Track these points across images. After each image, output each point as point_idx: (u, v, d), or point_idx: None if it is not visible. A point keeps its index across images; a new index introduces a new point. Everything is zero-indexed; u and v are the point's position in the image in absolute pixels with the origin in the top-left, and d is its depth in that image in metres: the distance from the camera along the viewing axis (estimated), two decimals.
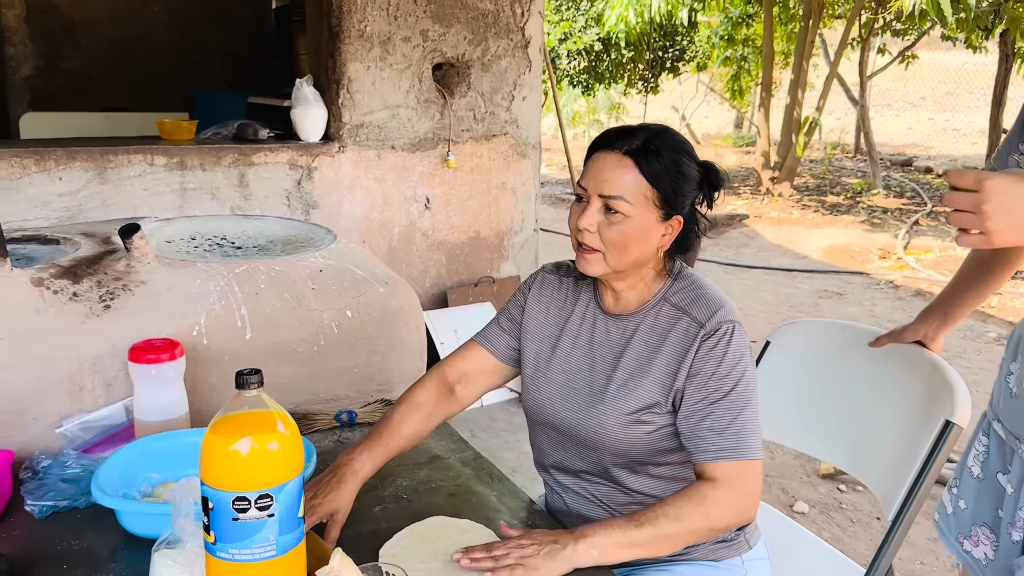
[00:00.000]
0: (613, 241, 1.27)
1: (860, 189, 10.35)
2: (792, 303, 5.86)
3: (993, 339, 5.00)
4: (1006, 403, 1.29)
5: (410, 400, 1.42)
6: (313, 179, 3.29)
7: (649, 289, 1.36)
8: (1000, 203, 0.92)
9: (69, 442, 1.46)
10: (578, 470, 1.41)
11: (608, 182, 1.26)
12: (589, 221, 1.28)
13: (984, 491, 1.35)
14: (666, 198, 1.27)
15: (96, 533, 1.24)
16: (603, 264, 1.30)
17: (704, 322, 1.28)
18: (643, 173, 1.25)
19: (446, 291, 3.82)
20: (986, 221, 0.94)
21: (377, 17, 3.32)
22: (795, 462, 3.38)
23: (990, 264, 1.51)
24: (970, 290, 1.56)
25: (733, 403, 1.25)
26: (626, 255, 1.28)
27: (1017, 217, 0.93)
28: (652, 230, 1.29)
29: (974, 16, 7.63)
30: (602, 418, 1.32)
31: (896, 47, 11.09)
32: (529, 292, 1.48)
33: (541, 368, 1.42)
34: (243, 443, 0.94)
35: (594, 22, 10.89)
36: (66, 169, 2.76)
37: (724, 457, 1.23)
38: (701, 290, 1.33)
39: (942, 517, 1.44)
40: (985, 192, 0.93)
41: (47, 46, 4.90)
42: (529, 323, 1.46)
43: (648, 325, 1.33)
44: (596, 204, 1.28)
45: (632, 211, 1.26)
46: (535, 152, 3.99)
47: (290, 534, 0.98)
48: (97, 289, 1.56)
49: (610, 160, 1.27)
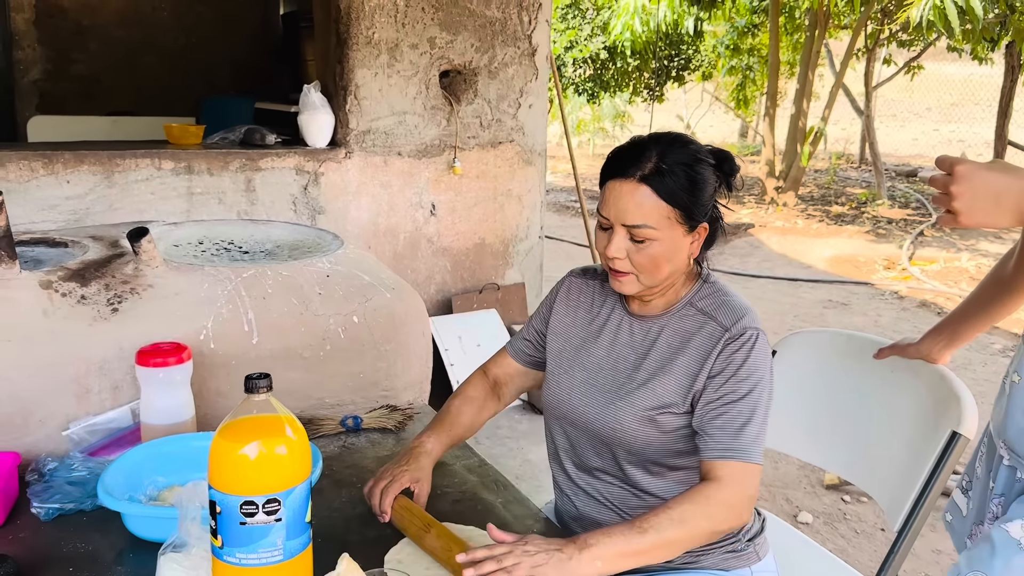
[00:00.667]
0: (644, 265, 1.29)
1: (865, 199, 10.35)
2: (797, 313, 5.85)
3: (999, 351, 4.98)
4: (996, 403, 1.32)
5: (463, 394, 1.55)
6: (320, 184, 3.30)
7: (676, 293, 1.38)
8: (964, 186, 1.04)
9: (75, 445, 1.46)
10: (592, 468, 1.41)
11: (628, 212, 1.26)
12: (617, 249, 1.29)
13: (981, 490, 1.37)
14: (687, 212, 1.27)
15: (102, 536, 1.24)
16: (637, 284, 1.32)
17: (729, 327, 1.30)
18: (660, 195, 1.25)
19: (451, 297, 3.82)
20: (953, 201, 1.05)
21: (385, 24, 3.33)
22: (799, 472, 3.38)
23: (1011, 284, 1.50)
24: (983, 311, 1.55)
25: (747, 406, 1.26)
26: (659, 273, 1.30)
27: (981, 200, 1.04)
28: (680, 244, 1.30)
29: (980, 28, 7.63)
30: (620, 414, 1.33)
31: (902, 58, 11.09)
32: (556, 298, 1.52)
33: (564, 365, 1.45)
34: (252, 447, 0.94)
35: (600, 31, 10.92)
36: (74, 172, 2.77)
37: (730, 457, 1.24)
38: (727, 296, 1.35)
39: (956, 518, 1.45)
40: (955, 175, 1.04)
41: (56, 50, 4.93)
42: (556, 326, 1.49)
43: (673, 327, 1.35)
44: (621, 232, 1.28)
45: (658, 234, 1.26)
46: (541, 160, 3.99)
47: (297, 539, 0.99)
48: (105, 292, 1.56)
49: (626, 189, 1.26)
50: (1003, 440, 1.26)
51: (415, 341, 1.87)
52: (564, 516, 1.50)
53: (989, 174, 1.04)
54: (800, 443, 1.84)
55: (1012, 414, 1.24)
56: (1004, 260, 1.53)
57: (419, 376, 1.90)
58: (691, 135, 1.37)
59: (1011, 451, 1.24)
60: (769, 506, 3.10)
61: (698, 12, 9.54)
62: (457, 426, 1.49)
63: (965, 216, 1.04)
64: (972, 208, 1.04)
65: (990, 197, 1.03)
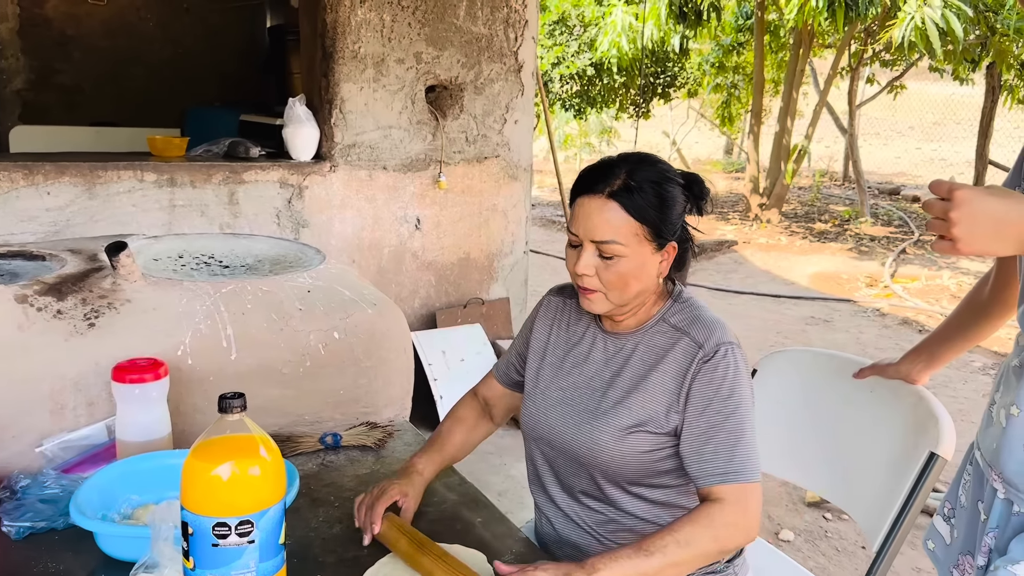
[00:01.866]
0: (612, 282, 1.29)
1: (848, 217, 10.43)
2: (780, 329, 5.88)
3: (978, 368, 5.02)
4: (985, 431, 1.31)
5: (454, 415, 1.57)
6: (304, 198, 3.29)
7: (648, 311, 1.37)
8: (964, 212, 0.98)
9: (49, 462, 1.44)
10: (572, 488, 1.41)
11: (597, 228, 1.27)
12: (585, 265, 1.29)
13: (968, 520, 1.36)
14: (655, 230, 1.28)
15: (74, 556, 1.22)
16: (606, 302, 1.32)
17: (703, 343, 1.29)
18: (629, 212, 1.26)
19: (435, 312, 3.81)
20: (952, 228, 0.99)
21: (371, 39, 3.33)
22: (781, 490, 3.38)
23: (988, 309, 1.50)
24: (960, 335, 1.56)
25: (735, 426, 1.26)
26: (627, 291, 1.30)
27: (980, 227, 0.99)
28: (649, 262, 1.30)
29: (962, 49, 7.73)
30: (596, 434, 1.32)
31: (885, 77, 11.21)
32: (537, 315, 1.53)
33: (541, 385, 1.45)
34: (224, 468, 0.93)
35: (587, 47, 10.98)
36: (55, 184, 2.75)
37: (729, 480, 1.24)
38: (699, 311, 1.35)
39: (939, 547, 1.44)
40: (954, 201, 0.99)
41: (39, 59, 4.90)
42: (535, 345, 1.50)
43: (647, 344, 1.35)
44: (590, 249, 1.29)
45: (626, 251, 1.27)
46: (526, 175, 4.00)
47: (270, 561, 0.97)
48: (82, 307, 1.55)
49: (594, 205, 1.27)
50: (998, 473, 1.23)
51: (396, 357, 1.86)
52: (544, 539, 1.49)
53: (990, 200, 0.99)
54: (781, 461, 1.84)
55: (1011, 448, 1.21)
56: (980, 285, 1.54)
57: (400, 393, 1.89)
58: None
59: (1009, 485, 1.22)
60: None
61: (684, 30, 9.62)
62: (448, 446, 1.51)
63: (964, 243, 0.99)
64: (971, 235, 0.99)
65: (990, 224, 0.99)
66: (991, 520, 1.25)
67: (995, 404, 1.30)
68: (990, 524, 1.25)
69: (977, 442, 1.35)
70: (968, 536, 1.35)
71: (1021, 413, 1.20)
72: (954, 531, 1.40)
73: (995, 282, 1.48)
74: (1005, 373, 1.31)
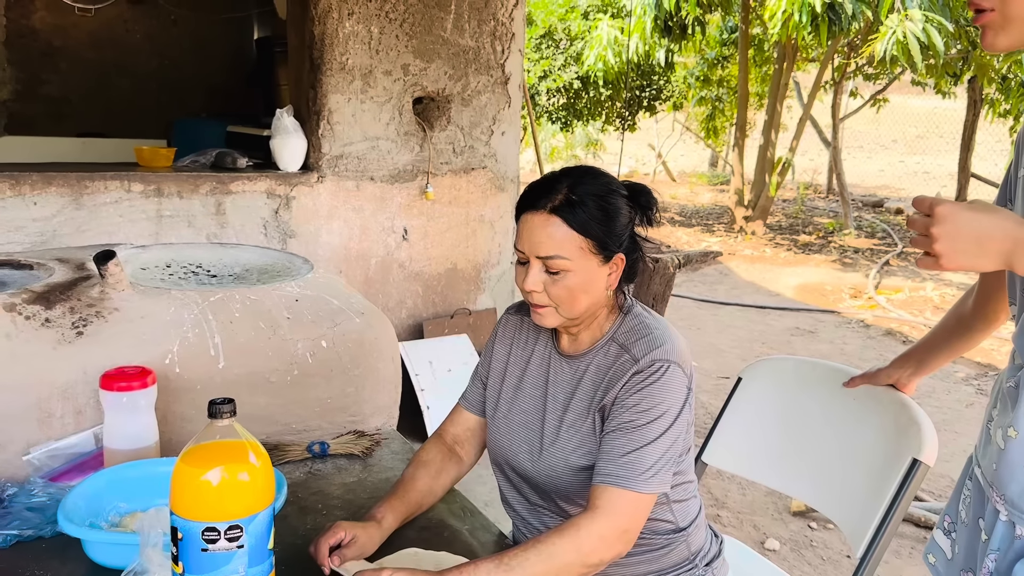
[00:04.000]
0: (560, 297, 1.28)
1: (832, 229, 10.51)
2: (764, 340, 5.91)
3: (961, 379, 5.06)
4: (984, 449, 1.30)
5: (417, 460, 1.46)
6: (291, 208, 3.30)
7: (601, 328, 1.36)
8: (946, 228, 0.98)
9: (36, 470, 1.43)
10: (538, 510, 1.41)
11: (541, 243, 1.26)
12: (533, 282, 1.28)
13: (969, 536, 1.34)
14: (600, 243, 1.27)
15: (61, 563, 1.22)
16: (557, 316, 1.31)
17: (640, 358, 1.28)
18: (571, 226, 1.25)
19: (422, 322, 3.82)
20: (934, 243, 0.99)
21: (359, 50, 3.35)
22: (766, 499, 3.40)
23: (971, 323, 1.51)
24: (946, 346, 1.57)
25: (643, 435, 1.23)
26: (576, 305, 1.29)
27: (962, 242, 0.98)
28: (596, 275, 1.29)
29: (943, 63, 7.83)
30: (553, 461, 1.33)
31: (868, 91, 11.34)
32: (496, 335, 1.50)
33: (502, 409, 1.44)
34: (214, 473, 0.94)
35: (573, 61, 11.05)
36: (41, 194, 2.74)
37: (610, 483, 1.21)
38: (646, 329, 1.32)
39: (940, 561, 1.42)
40: (935, 217, 0.98)
41: (26, 71, 4.90)
42: (495, 365, 1.47)
43: (596, 364, 1.34)
44: (536, 265, 1.28)
45: (571, 264, 1.26)
46: (513, 186, 4.02)
47: (259, 566, 0.98)
48: (70, 315, 1.55)
49: (537, 221, 1.26)
50: (1001, 495, 1.23)
51: (384, 366, 1.87)
52: None
53: (972, 215, 0.98)
54: (765, 469, 1.86)
55: (1012, 471, 1.18)
56: (964, 298, 1.54)
57: (388, 401, 1.89)
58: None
59: (1012, 508, 1.21)
60: (736, 532, 3.11)
61: (669, 44, 9.69)
62: (412, 492, 1.40)
63: (947, 259, 0.99)
64: (954, 251, 0.99)
65: (973, 240, 0.98)
66: (992, 542, 1.22)
67: (992, 422, 1.29)
68: (991, 546, 1.23)
69: (977, 459, 1.34)
70: (969, 553, 1.33)
71: (1019, 435, 1.19)
72: (955, 546, 1.38)
73: (978, 296, 1.49)
74: (1000, 393, 1.30)
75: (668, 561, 1.39)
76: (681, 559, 1.40)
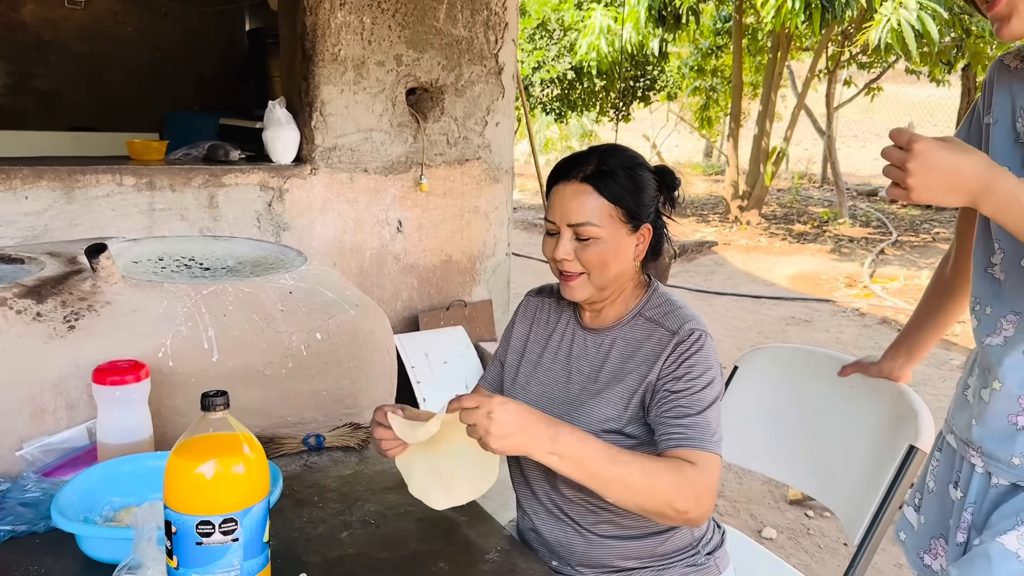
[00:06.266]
0: (592, 261, 1.33)
1: (827, 218, 10.52)
2: (760, 329, 5.92)
3: (957, 367, 5.07)
4: (960, 414, 1.34)
5: None
6: (284, 201, 3.28)
7: (627, 303, 1.41)
8: (921, 163, 1.02)
9: (29, 465, 1.42)
10: (554, 483, 1.41)
11: (573, 211, 1.32)
12: (565, 251, 1.33)
13: (937, 503, 1.39)
14: (630, 212, 1.33)
15: (55, 559, 1.21)
16: (588, 285, 1.35)
17: (676, 329, 1.32)
18: (603, 195, 1.31)
19: (417, 314, 3.81)
20: (908, 177, 1.04)
21: (351, 41, 3.33)
22: (763, 488, 3.40)
23: (952, 285, 1.54)
24: (932, 323, 1.59)
25: (706, 399, 1.28)
26: (607, 271, 1.34)
27: (935, 178, 1.03)
28: (625, 243, 1.34)
29: (937, 51, 7.83)
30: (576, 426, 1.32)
31: (862, 79, 11.34)
32: (516, 315, 1.55)
33: (520, 381, 1.47)
34: (208, 466, 0.93)
35: (567, 51, 11.02)
36: (32, 188, 2.72)
37: (699, 446, 1.24)
38: (673, 305, 1.38)
39: (908, 535, 1.47)
40: (912, 152, 1.03)
41: (16, 64, 4.85)
42: (514, 344, 1.52)
43: (624, 338, 1.38)
44: (567, 234, 1.33)
45: (602, 232, 1.31)
46: (508, 177, 4.01)
47: (255, 559, 0.97)
48: (61, 309, 1.54)
49: (569, 190, 1.33)
50: (978, 449, 1.27)
51: (379, 358, 1.86)
52: (526, 536, 1.49)
53: (947, 153, 1.03)
54: (762, 458, 1.86)
55: (990, 422, 1.25)
56: (942, 265, 1.58)
57: (383, 394, 1.88)
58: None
59: (989, 458, 1.25)
60: (733, 521, 3.11)
61: (663, 33, 9.68)
62: None
63: (917, 193, 1.04)
64: (925, 185, 1.03)
65: (944, 176, 1.03)
66: (968, 496, 1.29)
67: (969, 388, 1.33)
68: (968, 500, 1.29)
69: (949, 426, 1.38)
70: (939, 520, 1.38)
71: (1004, 386, 1.23)
72: (921, 517, 1.43)
73: (956, 258, 1.52)
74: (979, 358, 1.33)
75: (671, 545, 1.40)
76: (684, 544, 1.41)
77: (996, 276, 1.27)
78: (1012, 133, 1.25)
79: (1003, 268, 1.26)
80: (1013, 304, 1.24)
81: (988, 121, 1.30)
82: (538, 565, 1.26)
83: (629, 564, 1.39)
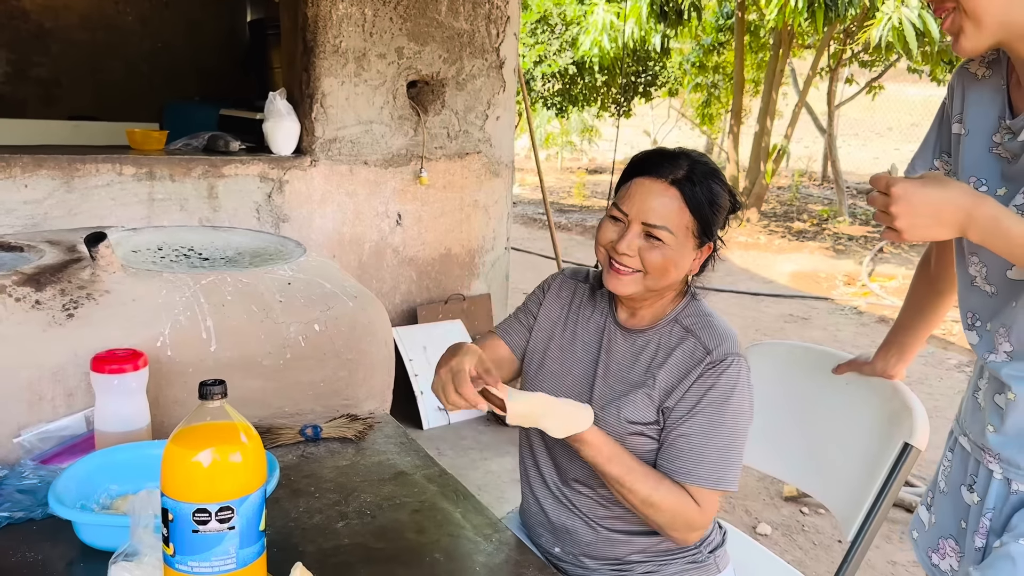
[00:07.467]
0: (655, 264, 1.30)
1: (826, 216, 10.52)
2: (758, 327, 5.92)
3: (954, 366, 5.08)
4: (972, 416, 1.34)
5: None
6: (284, 192, 3.28)
7: (664, 308, 1.39)
8: (903, 206, 1.05)
9: (27, 452, 1.43)
10: (566, 474, 1.42)
11: (653, 211, 1.28)
12: (629, 245, 1.30)
13: (948, 504, 1.38)
14: (704, 227, 1.30)
15: (52, 546, 1.21)
16: (639, 283, 1.32)
17: (712, 349, 1.31)
18: (687, 204, 1.28)
19: (416, 307, 3.81)
20: (894, 221, 1.06)
21: (352, 33, 3.33)
22: (759, 484, 3.41)
23: (937, 282, 1.54)
24: (920, 319, 1.59)
25: (727, 434, 1.28)
26: (665, 278, 1.31)
27: (920, 217, 1.05)
28: (687, 255, 1.32)
29: (939, 49, 7.82)
30: (602, 426, 1.33)
31: (863, 78, 11.32)
32: (548, 290, 1.52)
33: (548, 365, 1.45)
34: (205, 454, 0.93)
35: (568, 46, 11.00)
36: (32, 176, 2.72)
37: (704, 485, 1.27)
38: (711, 318, 1.36)
39: (920, 533, 1.47)
40: (891, 197, 1.05)
41: (16, 52, 4.85)
42: (543, 320, 1.49)
43: (657, 342, 1.36)
44: (636, 229, 1.30)
45: (673, 240, 1.29)
46: (508, 171, 4.01)
47: (251, 547, 0.97)
48: (60, 297, 1.54)
49: (655, 188, 1.29)
50: (996, 456, 1.27)
51: (377, 350, 1.86)
52: (533, 521, 1.50)
53: (925, 191, 1.05)
54: (759, 454, 1.86)
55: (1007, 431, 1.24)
56: (924, 263, 1.58)
57: (381, 385, 1.89)
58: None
59: (1008, 465, 1.25)
60: (729, 517, 3.12)
61: (665, 29, 9.66)
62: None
63: (908, 233, 1.06)
64: (914, 225, 1.05)
65: (928, 215, 1.05)
66: (987, 501, 1.28)
67: (980, 391, 1.33)
68: (987, 505, 1.28)
69: (962, 428, 1.38)
70: (949, 520, 1.38)
71: (1018, 397, 1.22)
72: (932, 516, 1.43)
73: (938, 255, 1.53)
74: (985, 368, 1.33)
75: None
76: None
77: (984, 289, 1.28)
78: (987, 142, 1.25)
79: (989, 281, 1.26)
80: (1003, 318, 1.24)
81: (959, 132, 1.30)
82: (534, 557, 1.27)
83: (632, 557, 1.40)
